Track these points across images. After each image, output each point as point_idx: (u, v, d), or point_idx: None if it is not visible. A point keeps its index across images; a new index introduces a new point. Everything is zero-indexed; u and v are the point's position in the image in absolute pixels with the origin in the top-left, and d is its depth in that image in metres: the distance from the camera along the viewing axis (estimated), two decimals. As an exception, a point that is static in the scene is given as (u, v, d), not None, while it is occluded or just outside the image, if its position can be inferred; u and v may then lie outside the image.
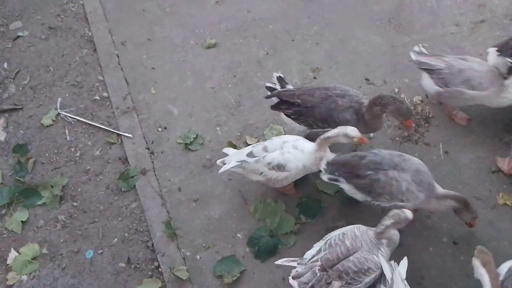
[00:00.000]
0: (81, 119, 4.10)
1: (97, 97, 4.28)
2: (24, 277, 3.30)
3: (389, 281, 2.63)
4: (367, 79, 4.15)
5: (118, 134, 3.98)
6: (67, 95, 4.30)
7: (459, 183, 3.49)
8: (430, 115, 3.86)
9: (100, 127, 4.04)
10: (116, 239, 3.44)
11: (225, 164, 3.21)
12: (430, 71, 3.53)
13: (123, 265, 3.32)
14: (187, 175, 3.70)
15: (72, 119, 4.12)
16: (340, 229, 2.90)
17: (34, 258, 3.35)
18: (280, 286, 3.14)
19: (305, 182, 3.53)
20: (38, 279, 3.29)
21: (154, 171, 3.73)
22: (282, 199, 3.49)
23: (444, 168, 3.58)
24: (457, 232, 3.26)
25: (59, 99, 4.25)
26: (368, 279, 2.72)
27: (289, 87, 3.52)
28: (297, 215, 3.40)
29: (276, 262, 2.90)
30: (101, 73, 4.43)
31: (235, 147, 3.78)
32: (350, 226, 2.89)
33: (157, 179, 3.68)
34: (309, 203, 3.43)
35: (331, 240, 2.78)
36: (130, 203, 3.61)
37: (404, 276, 2.69)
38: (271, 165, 3.10)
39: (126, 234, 3.46)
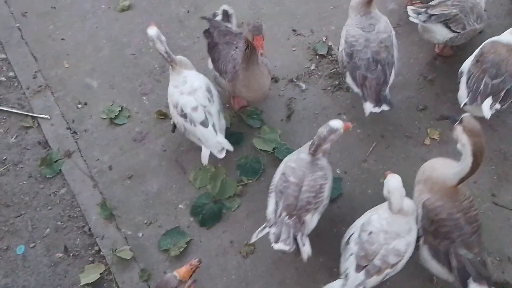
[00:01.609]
0: (-13, 105, 3.67)
1: (3, 78, 3.82)
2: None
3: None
4: (294, 30, 4.06)
5: (33, 117, 3.61)
6: (-35, 79, 3.80)
7: (391, 124, 3.59)
8: (358, 61, 3.87)
9: (11, 111, 3.64)
10: (48, 229, 3.20)
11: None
12: (447, 20, 3.40)
13: (60, 255, 3.11)
14: (116, 151, 3.47)
15: (-24, 106, 3.67)
16: (276, 173, 2.88)
17: (-43, 265, 3.04)
18: (229, 249, 3.11)
19: (242, 143, 3.46)
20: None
21: (80, 152, 3.45)
22: (221, 163, 3.39)
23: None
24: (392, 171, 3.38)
25: (-43, 85, 3.75)
26: (326, 192, 2.82)
27: (232, 25, 3.45)
28: (238, 177, 3.34)
29: (251, 241, 2.80)
30: (2, 50, 3.95)
31: (165, 116, 3.59)
32: (282, 164, 2.88)
33: (84, 160, 3.42)
34: (249, 163, 3.38)
35: (278, 187, 2.78)
36: (59, 189, 3.34)
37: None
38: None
39: (59, 223, 3.22)
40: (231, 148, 3.06)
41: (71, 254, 3.11)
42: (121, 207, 3.24)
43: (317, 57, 3.91)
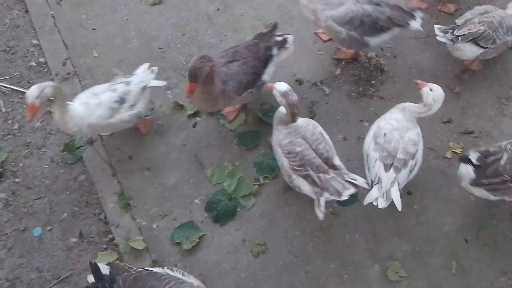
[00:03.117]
0: (17, 88, 3.77)
1: (33, 63, 3.92)
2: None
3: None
4: (321, 34, 4.04)
5: (59, 103, 3.70)
6: (-1, 62, 3.91)
7: (412, 135, 3.53)
8: (385, 69, 3.83)
9: (39, 96, 3.73)
10: (65, 214, 3.26)
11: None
12: (475, 38, 3.36)
13: (75, 240, 3.17)
14: (137, 142, 3.52)
15: (7, 89, 3.78)
16: (277, 157, 3.02)
17: (-24, 241, 3.14)
18: (241, 248, 3.12)
19: (258, 141, 3.47)
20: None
21: (102, 140, 3.51)
22: (239, 162, 3.41)
23: (398, 121, 3.60)
24: (410, 183, 3.33)
25: (-10, 67, 3.87)
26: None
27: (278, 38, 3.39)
28: (255, 176, 3.34)
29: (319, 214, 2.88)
30: (35, 36, 4.05)
31: (181, 107, 3.64)
32: (274, 149, 3.03)
33: (105, 149, 3.48)
34: (266, 161, 3.38)
35: (294, 165, 2.89)
36: (78, 176, 3.41)
37: None
38: None
39: (76, 208, 3.29)
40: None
41: (86, 240, 3.17)
42: (137, 197, 3.28)
43: (343, 62, 3.89)
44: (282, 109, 2.92)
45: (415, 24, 3.46)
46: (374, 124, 3.13)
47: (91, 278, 2.54)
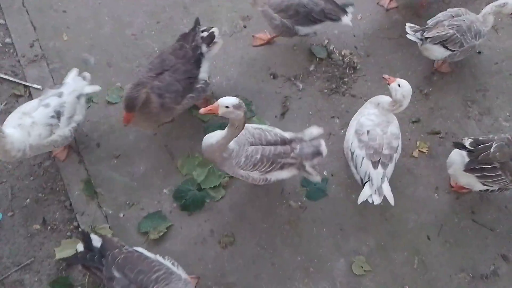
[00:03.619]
0: (-20, 69, 3.61)
1: (-1, 44, 3.77)
2: None
3: None
4: (297, 29, 4.05)
5: (25, 86, 3.57)
6: (-39, 40, 3.74)
7: (381, 133, 3.61)
8: (358, 67, 3.89)
9: (4, 78, 3.59)
10: (28, 200, 3.16)
11: None
12: (443, 41, 3.44)
13: (38, 226, 3.08)
14: (106, 129, 3.44)
15: (-30, 69, 3.62)
16: (244, 178, 2.93)
17: None
18: (209, 239, 3.11)
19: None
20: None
21: (70, 126, 3.41)
22: (210, 153, 3.39)
23: (369, 119, 3.66)
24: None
25: (-49, 45, 3.69)
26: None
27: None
28: (225, 169, 3.34)
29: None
30: (2, 16, 3.89)
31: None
32: (236, 174, 2.94)
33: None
34: None
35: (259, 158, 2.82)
36: (43, 161, 3.31)
37: None
38: None
39: (40, 194, 3.19)
40: None
41: (49, 227, 3.09)
42: (105, 185, 3.22)
43: (317, 58, 3.92)
44: (214, 137, 2.73)
45: (346, 20, 3.57)
46: (353, 120, 3.17)
47: (80, 247, 2.51)
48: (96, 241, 2.52)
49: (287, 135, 2.94)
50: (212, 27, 3.30)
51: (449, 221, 3.29)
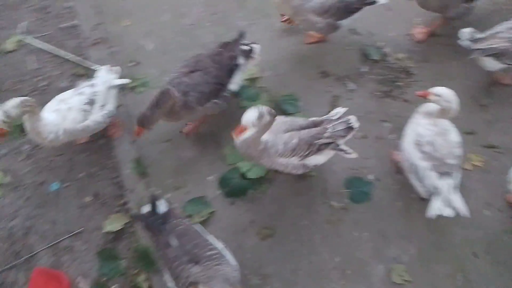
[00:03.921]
0: (47, 47, 3.82)
1: (65, 25, 3.97)
2: (-15, 204, 3.17)
3: None
4: (352, 29, 4.02)
5: (87, 66, 3.74)
6: (32, 20, 3.97)
7: (432, 141, 3.51)
8: (412, 72, 3.81)
9: (68, 58, 3.78)
10: (83, 173, 3.32)
11: None
12: (496, 54, 3.35)
13: (90, 199, 3.23)
14: (159, 113, 3.55)
15: (38, 47, 3.83)
16: (284, 167, 2.96)
17: (-3, 185, 3.21)
18: (248, 229, 3.15)
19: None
20: (1, 208, 3.17)
21: (125, 107, 3.55)
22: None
23: (420, 125, 3.58)
24: (425, 188, 3.32)
25: (23, 24, 3.92)
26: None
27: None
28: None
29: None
30: (70, -2, 4.10)
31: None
32: (276, 164, 2.94)
33: (128, 116, 3.51)
34: None
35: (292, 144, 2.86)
36: (99, 139, 3.46)
37: None
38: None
39: (94, 169, 3.34)
40: None
41: (100, 201, 3.22)
42: (154, 166, 3.32)
43: (371, 60, 3.87)
44: (246, 133, 2.66)
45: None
46: (409, 131, 3.06)
47: (146, 208, 2.64)
48: (163, 207, 2.63)
49: (315, 118, 3.01)
50: (255, 43, 3.32)
51: (499, 240, 3.14)
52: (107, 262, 2.98)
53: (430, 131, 2.94)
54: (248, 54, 3.26)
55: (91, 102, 3.05)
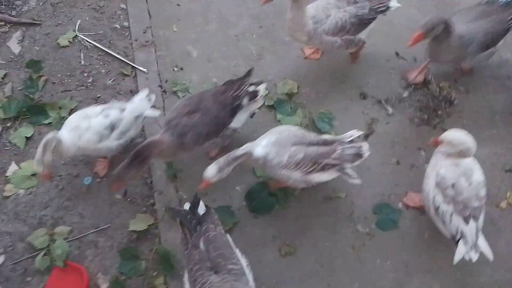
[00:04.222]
0: (98, 45, 4.00)
1: (117, 26, 4.15)
2: (21, 191, 3.33)
3: None
4: (397, 53, 3.97)
5: (133, 67, 3.89)
6: (87, 18, 4.17)
7: (469, 175, 3.40)
8: (455, 102, 3.71)
9: (116, 57, 3.94)
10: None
11: None
12: None
13: (119, 197, 3.32)
14: (195, 120, 3.63)
15: (89, 44, 4.02)
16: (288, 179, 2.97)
17: (33, 175, 3.37)
18: (270, 244, 3.15)
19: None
20: (35, 196, 3.33)
21: (164, 110, 3.66)
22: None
23: (457, 158, 3.47)
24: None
25: (79, 21, 4.13)
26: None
27: None
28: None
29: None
30: (124, 1, 4.26)
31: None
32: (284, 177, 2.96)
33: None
34: None
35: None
36: (135, 138, 3.57)
37: None
38: None
39: (127, 167, 3.45)
40: None
41: (129, 199, 3.31)
42: (185, 170, 3.38)
43: (412, 86, 3.80)
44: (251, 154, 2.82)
45: (393, 3, 3.52)
46: (430, 172, 2.96)
47: (187, 206, 2.74)
48: (201, 209, 2.70)
49: (327, 137, 3.00)
50: (263, 83, 3.23)
51: (530, 285, 3.00)
52: (128, 261, 3.06)
53: (453, 172, 2.83)
54: (253, 95, 3.15)
55: (112, 127, 3.04)
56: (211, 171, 2.73)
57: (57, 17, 4.17)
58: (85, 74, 3.88)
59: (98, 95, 3.78)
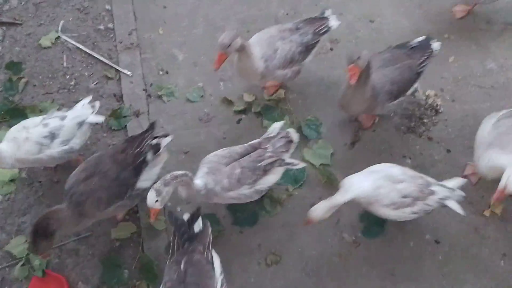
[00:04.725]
0: (81, 47, 3.91)
1: (102, 27, 4.06)
2: (-1, 197, 3.24)
3: None
4: (384, 61, 3.97)
5: (117, 70, 3.81)
6: (70, 19, 4.08)
7: (454, 184, 3.42)
8: (440, 110, 3.73)
9: (100, 59, 3.86)
10: (98, 177, 3.35)
11: None
12: None
13: (102, 204, 3.24)
14: (181, 125, 3.58)
15: (72, 45, 3.93)
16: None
17: (12, 180, 3.27)
18: (255, 252, 3.11)
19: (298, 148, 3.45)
20: (13, 202, 3.22)
21: (148, 115, 3.60)
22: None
23: (442, 166, 3.49)
24: (441, 232, 3.22)
25: (62, 22, 4.04)
26: None
27: None
28: (286, 185, 3.33)
29: None
30: (109, 2, 4.19)
31: (230, 103, 3.66)
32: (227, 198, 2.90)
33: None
34: (293, 171, 3.33)
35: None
36: (118, 143, 3.49)
37: None
38: None
39: (109, 174, 3.37)
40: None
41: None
42: (167, 177, 3.33)
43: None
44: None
45: (333, 22, 3.45)
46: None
47: (186, 217, 2.62)
48: (197, 226, 2.58)
49: (252, 142, 2.97)
50: (168, 136, 3.04)
51: (512, 294, 3.03)
52: (110, 270, 2.99)
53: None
54: (156, 149, 2.93)
55: (52, 136, 2.92)
56: (150, 197, 2.52)
57: (39, 17, 4.07)
58: (68, 77, 3.79)
59: (80, 98, 3.65)
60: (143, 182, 2.86)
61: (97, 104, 3.15)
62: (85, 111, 3.09)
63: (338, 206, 2.78)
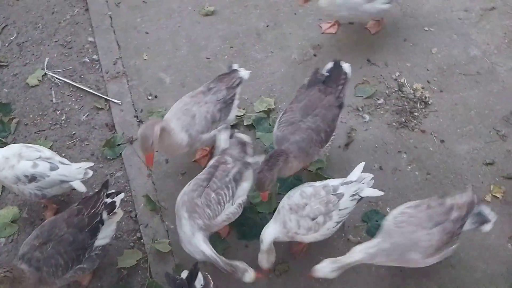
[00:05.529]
0: (69, 81, 3.95)
1: (87, 59, 4.11)
2: (2, 240, 3.22)
3: None
4: (368, 60, 4.02)
5: (106, 100, 3.84)
6: (55, 55, 4.12)
7: (451, 172, 3.44)
8: (430, 102, 3.77)
9: (88, 91, 3.89)
10: (99, 208, 3.35)
11: None
12: None
13: (104, 234, 3.24)
14: (175, 147, 3.59)
15: (59, 81, 3.96)
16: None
17: (13, 221, 3.27)
18: (263, 265, 3.10)
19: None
20: (17, 243, 3.21)
21: (141, 140, 3.60)
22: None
23: (438, 157, 3.52)
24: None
25: (47, 59, 4.08)
26: None
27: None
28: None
29: None
30: (92, 34, 4.24)
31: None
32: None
33: (144, 149, 3.57)
34: (290, 179, 3.36)
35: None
36: (115, 172, 3.51)
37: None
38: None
39: (110, 203, 3.37)
40: None
41: (115, 236, 3.23)
42: (169, 200, 3.33)
43: (387, 91, 3.85)
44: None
45: (243, 72, 3.34)
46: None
47: (184, 274, 2.53)
48: (198, 282, 2.49)
49: (210, 163, 2.98)
50: (121, 193, 2.99)
51: (524, 276, 3.03)
52: (119, 299, 2.97)
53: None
54: (111, 208, 2.89)
55: (31, 179, 2.91)
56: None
57: (24, 57, 4.11)
58: (58, 112, 3.81)
59: (73, 132, 3.71)
60: (100, 240, 2.83)
61: (90, 173, 3.08)
62: (76, 174, 3.02)
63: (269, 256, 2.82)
